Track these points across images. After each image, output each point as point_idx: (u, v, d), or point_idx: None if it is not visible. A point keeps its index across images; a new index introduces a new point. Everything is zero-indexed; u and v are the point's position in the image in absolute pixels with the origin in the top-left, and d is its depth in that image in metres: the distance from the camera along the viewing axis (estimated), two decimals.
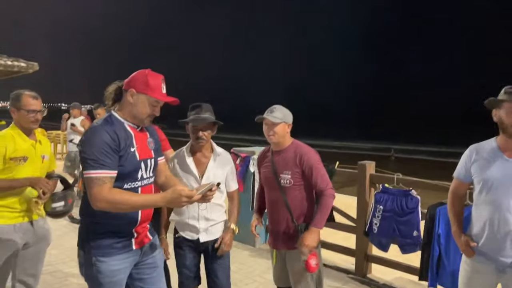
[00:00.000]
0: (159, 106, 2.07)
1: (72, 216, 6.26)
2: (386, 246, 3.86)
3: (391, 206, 3.75)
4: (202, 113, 2.59)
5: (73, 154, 7.49)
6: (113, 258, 2.01)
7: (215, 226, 2.69)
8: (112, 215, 1.96)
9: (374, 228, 3.88)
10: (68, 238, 5.40)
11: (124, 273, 2.07)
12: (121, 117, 2.05)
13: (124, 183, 2.00)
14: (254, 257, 4.78)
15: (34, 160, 2.70)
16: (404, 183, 3.82)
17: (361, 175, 4.16)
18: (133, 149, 2.02)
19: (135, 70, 2.08)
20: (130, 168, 2.00)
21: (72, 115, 7.71)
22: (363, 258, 4.19)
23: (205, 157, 2.68)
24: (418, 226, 3.63)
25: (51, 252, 4.42)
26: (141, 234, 2.13)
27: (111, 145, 1.91)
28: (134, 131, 2.07)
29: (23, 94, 2.67)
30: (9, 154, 2.57)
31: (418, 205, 3.65)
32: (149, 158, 2.12)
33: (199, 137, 2.59)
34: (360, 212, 4.18)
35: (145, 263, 2.19)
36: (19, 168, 2.62)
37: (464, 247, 2.34)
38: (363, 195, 4.15)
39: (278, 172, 2.71)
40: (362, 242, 4.17)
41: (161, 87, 2.05)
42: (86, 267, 2.04)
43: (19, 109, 2.64)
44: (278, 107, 2.70)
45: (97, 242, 2.00)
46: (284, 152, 2.73)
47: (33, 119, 2.66)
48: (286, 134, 2.71)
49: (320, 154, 2.83)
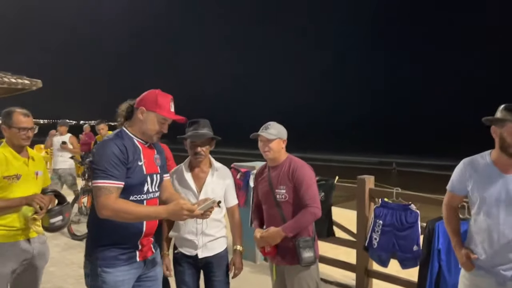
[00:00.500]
0: (167, 124, 2.20)
1: (74, 233, 6.28)
2: (386, 261, 3.82)
3: (391, 220, 3.73)
4: (200, 129, 2.62)
5: (61, 171, 7.50)
6: (118, 269, 2.09)
7: (214, 242, 2.69)
8: (117, 226, 2.05)
9: (374, 243, 3.84)
10: (67, 255, 5.40)
11: (128, 284, 2.14)
12: (131, 132, 2.18)
13: (130, 195, 2.09)
14: (255, 273, 4.75)
15: (28, 177, 2.70)
16: (403, 197, 3.80)
17: (361, 189, 4.15)
18: (140, 163, 2.13)
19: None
20: (137, 180, 2.10)
21: (59, 132, 7.69)
22: (364, 274, 4.15)
23: (203, 172, 2.70)
24: (418, 241, 3.59)
25: (50, 269, 4.43)
26: (145, 246, 2.22)
27: (120, 157, 2.03)
28: (142, 146, 2.19)
29: (14, 112, 2.66)
30: (1, 173, 2.57)
31: (418, 220, 3.62)
32: (155, 173, 2.22)
33: (198, 153, 2.62)
34: (360, 226, 4.16)
35: (147, 276, 2.26)
36: (13, 187, 2.62)
37: (464, 260, 2.33)
38: (362, 209, 4.14)
39: (274, 187, 2.74)
40: (362, 257, 4.14)
41: (170, 106, 2.17)
42: (92, 277, 2.10)
43: (10, 126, 2.64)
44: (272, 124, 2.75)
45: (102, 253, 2.09)
46: (279, 167, 2.76)
47: (24, 137, 2.66)
48: (281, 150, 2.76)
49: (321, 168, 2.84)
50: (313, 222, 2.67)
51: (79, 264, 5.02)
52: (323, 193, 4.22)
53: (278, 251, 2.76)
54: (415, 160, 34.11)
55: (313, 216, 2.61)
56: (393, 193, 3.84)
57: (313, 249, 2.67)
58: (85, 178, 6.98)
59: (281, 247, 2.73)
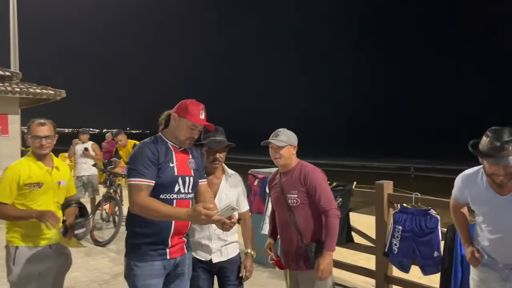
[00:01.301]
0: (197, 130, 2.36)
1: (96, 239, 6.42)
2: (407, 267, 3.77)
3: (410, 226, 3.68)
4: (218, 136, 2.68)
5: (85, 178, 7.70)
6: (148, 264, 2.26)
7: (228, 247, 2.72)
8: (147, 224, 2.23)
9: (394, 249, 3.80)
10: (90, 261, 5.51)
11: (157, 279, 2.29)
12: (166, 137, 2.38)
13: (161, 193, 2.25)
14: (273, 279, 4.76)
15: (50, 186, 2.76)
16: (422, 202, 3.76)
17: (379, 195, 4.11)
18: (172, 165, 2.30)
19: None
20: (167, 180, 2.27)
21: (81, 140, 7.96)
22: (384, 280, 4.09)
23: (217, 178, 2.76)
24: (438, 247, 3.54)
25: (73, 274, 4.53)
26: (177, 245, 2.35)
27: (151, 158, 2.23)
28: (176, 150, 2.37)
29: (33, 122, 2.77)
30: (23, 180, 2.64)
31: (438, 225, 3.56)
32: (187, 176, 2.37)
33: (216, 159, 2.68)
34: (379, 232, 4.11)
35: (176, 274, 2.40)
36: (33, 194, 2.68)
37: (470, 257, 2.50)
38: (381, 215, 4.10)
39: (286, 193, 2.76)
40: (382, 263, 4.09)
41: (199, 113, 2.33)
42: (126, 270, 2.32)
43: (30, 136, 2.75)
44: (282, 131, 2.79)
45: (135, 249, 2.29)
46: (291, 173, 2.79)
47: (38, 145, 2.72)
48: (292, 156, 2.79)
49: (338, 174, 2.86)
50: (338, 223, 2.69)
51: (101, 269, 5.14)
52: (341, 198, 4.21)
53: (291, 257, 2.78)
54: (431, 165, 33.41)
55: (336, 217, 2.65)
56: (412, 198, 3.80)
57: None
58: (107, 186, 7.13)
59: (294, 253, 2.75)
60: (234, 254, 2.76)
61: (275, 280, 4.72)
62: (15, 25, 13.41)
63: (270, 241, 3.01)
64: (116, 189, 7.23)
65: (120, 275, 4.73)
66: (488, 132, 2.19)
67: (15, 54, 13.23)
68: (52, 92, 10.67)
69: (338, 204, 4.22)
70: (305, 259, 2.68)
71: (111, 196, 6.99)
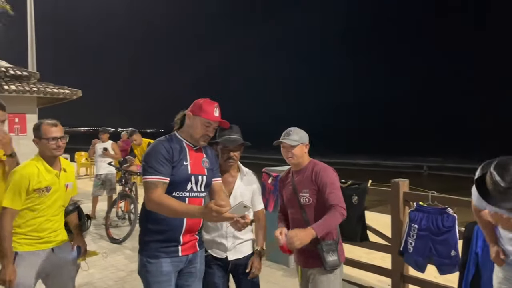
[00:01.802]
0: (211, 127, 2.38)
1: (112, 236, 6.49)
2: (423, 266, 3.72)
3: (427, 224, 3.64)
4: (232, 134, 2.68)
5: (103, 176, 7.84)
6: (160, 261, 2.29)
7: (243, 244, 2.73)
8: (160, 221, 2.27)
9: (409, 248, 3.76)
10: (106, 258, 5.57)
11: (169, 276, 2.31)
12: (181, 136, 2.41)
13: (174, 190, 2.28)
14: (287, 277, 4.74)
15: (57, 190, 2.67)
16: (439, 200, 3.70)
17: (395, 193, 4.07)
18: (186, 163, 2.33)
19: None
20: (181, 178, 2.29)
21: (102, 139, 8.12)
22: (399, 279, 4.06)
23: (232, 176, 2.77)
24: (456, 246, 3.48)
25: (90, 271, 4.59)
26: (188, 243, 2.38)
27: (166, 156, 2.26)
28: (190, 148, 2.39)
29: (42, 124, 2.65)
30: (32, 185, 2.53)
31: (455, 224, 3.51)
32: (200, 174, 2.39)
33: (230, 158, 2.69)
34: (395, 231, 4.07)
35: (189, 271, 2.43)
36: (42, 198, 2.59)
37: (495, 256, 2.50)
38: (396, 213, 4.05)
39: (298, 191, 2.73)
40: (397, 262, 4.05)
41: (214, 111, 2.35)
42: (139, 267, 2.36)
43: (41, 138, 2.62)
44: (294, 130, 2.76)
45: (147, 246, 2.33)
46: (303, 172, 2.76)
47: (54, 146, 2.62)
48: (304, 155, 2.77)
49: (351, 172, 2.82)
50: (340, 222, 2.60)
51: (117, 266, 5.20)
52: (356, 196, 4.18)
53: (302, 254, 2.76)
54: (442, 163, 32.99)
55: (342, 216, 2.56)
56: (428, 197, 3.75)
57: (336, 252, 2.65)
58: (122, 184, 7.22)
59: (305, 250, 2.70)
60: (250, 252, 2.77)
61: (289, 278, 4.71)
62: (32, 26, 13.65)
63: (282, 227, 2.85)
64: (131, 187, 7.31)
65: (135, 272, 4.75)
66: (494, 170, 2.04)
67: (33, 54, 13.47)
68: (69, 92, 10.85)
69: (353, 202, 4.21)
70: (316, 257, 2.65)
71: (127, 194, 7.07)
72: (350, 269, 4.59)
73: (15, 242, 2.56)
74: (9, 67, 10.74)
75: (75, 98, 11.31)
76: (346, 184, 4.28)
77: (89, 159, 15.53)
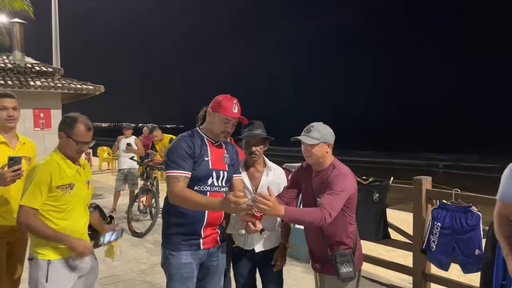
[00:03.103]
0: (230, 123, 2.40)
1: (134, 230, 6.61)
2: (446, 265, 3.67)
3: (450, 223, 3.59)
4: (255, 130, 2.73)
5: (126, 171, 7.97)
6: (182, 253, 2.35)
7: (270, 237, 2.76)
8: (181, 215, 2.32)
9: (432, 246, 3.71)
10: (129, 251, 5.69)
11: (190, 268, 2.37)
12: (203, 132, 2.46)
13: (195, 185, 2.33)
14: (308, 274, 4.75)
15: (80, 187, 2.47)
16: (463, 199, 3.64)
17: (417, 190, 4.02)
18: (207, 158, 2.38)
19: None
20: (202, 173, 2.35)
21: (125, 135, 8.25)
22: (421, 277, 4.01)
23: (258, 171, 2.81)
24: (480, 245, 3.43)
25: (113, 264, 4.69)
26: (210, 236, 2.43)
27: (187, 151, 2.31)
28: (210, 144, 2.44)
29: (78, 121, 2.41)
30: (55, 182, 2.32)
31: (479, 222, 3.45)
32: (221, 170, 2.43)
33: (253, 152, 2.74)
34: (417, 229, 4.02)
35: (210, 265, 2.48)
36: (66, 197, 2.38)
37: None
38: (419, 211, 4.00)
39: (315, 195, 2.48)
40: (419, 260, 4.00)
41: (232, 107, 2.37)
42: (162, 259, 2.43)
43: (69, 136, 2.39)
44: (316, 126, 2.47)
45: (170, 239, 2.39)
46: (322, 174, 2.49)
47: (80, 151, 2.44)
48: (325, 155, 2.47)
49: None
50: (316, 225, 2.29)
51: (139, 259, 5.30)
52: (377, 194, 4.15)
53: (317, 260, 2.63)
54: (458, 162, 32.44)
55: (321, 219, 2.21)
56: (452, 195, 3.69)
57: (352, 263, 2.43)
58: (144, 178, 7.33)
59: (319, 256, 2.58)
60: (276, 244, 2.80)
61: (309, 275, 4.71)
62: (57, 22, 13.93)
63: None
64: (152, 181, 7.42)
65: (157, 265, 4.87)
66: None
67: (57, 50, 13.75)
68: (92, 88, 11.03)
69: (375, 199, 4.18)
70: (329, 264, 2.49)
71: (148, 188, 7.18)
72: (371, 267, 4.57)
73: (46, 249, 2.35)
74: (34, 63, 10.99)
75: (97, 94, 11.50)
76: (367, 181, 4.25)
77: (112, 154, 15.80)
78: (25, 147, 2.87)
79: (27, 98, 9.17)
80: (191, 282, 2.39)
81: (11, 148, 2.78)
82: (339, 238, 2.49)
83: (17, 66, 10.38)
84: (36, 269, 2.35)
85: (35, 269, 2.35)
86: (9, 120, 2.74)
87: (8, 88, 9.16)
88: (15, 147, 2.81)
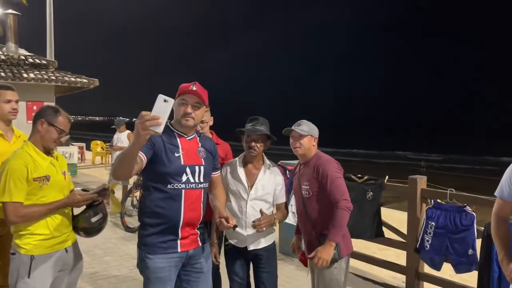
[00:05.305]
0: (189, 106, 2.22)
1: (127, 225, 6.57)
2: (439, 264, 3.68)
3: (444, 222, 3.59)
4: (258, 125, 2.72)
5: None
6: (158, 256, 2.20)
7: (264, 235, 2.75)
8: (156, 215, 2.19)
9: (425, 245, 3.72)
10: (121, 246, 5.66)
11: (168, 272, 2.21)
12: (173, 127, 2.31)
13: (168, 183, 2.19)
14: (301, 271, 4.74)
15: (57, 178, 2.42)
16: (458, 198, 3.64)
17: (412, 190, 4.02)
18: (177, 154, 2.22)
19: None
20: (174, 170, 2.19)
21: (119, 130, 8.27)
22: (415, 276, 4.02)
23: (256, 168, 2.80)
24: (473, 245, 3.43)
25: (106, 259, 4.67)
26: (188, 238, 2.27)
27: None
28: (182, 140, 2.28)
29: (60, 111, 2.43)
30: (31, 174, 2.27)
31: (474, 222, 3.45)
32: (197, 165, 2.27)
33: (251, 147, 2.72)
34: (411, 228, 4.03)
35: (193, 267, 2.32)
36: (44, 190, 2.33)
37: (510, 274, 2.04)
38: (413, 210, 4.01)
39: (301, 184, 2.79)
40: (413, 259, 4.01)
41: (188, 87, 2.22)
42: (139, 262, 2.27)
43: (51, 124, 2.37)
44: (305, 121, 2.82)
45: (145, 241, 2.23)
46: (307, 164, 2.80)
47: (58, 140, 2.42)
48: (311, 147, 2.80)
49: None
50: (348, 216, 2.57)
51: (132, 255, 5.26)
52: (371, 192, 4.14)
53: (308, 247, 2.80)
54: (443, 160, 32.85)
55: (346, 210, 2.54)
56: (446, 194, 3.69)
57: (336, 246, 2.59)
58: (137, 173, 7.28)
59: (310, 243, 2.77)
60: (270, 243, 2.80)
61: (302, 272, 4.70)
62: (51, 14, 13.78)
63: (295, 240, 3.08)
64: None
65: None
66: None
67: (51, 43, 13.62)
68: (86, 81, 10.96)
69: (368, 198, 4.17)
70: None
71: (141, 183, 7.14)
72: (364, 265, 4.57)
73: (30, 244, 2.31)
74: (28, 55, 10.88)
75: (92, 87, 11.42)
76: (362, 180, 4.24)
77: (105, 148, 15.70)
78: (20, 140, 2.86)
79: (20, 91, 8.97)
80: (169, 285, 2.24)
81: (7, 141, 2.79)
82: (325, 221, 2.63)
83: (11, 58, 10.28)
84: (18, 264, 2.30)
85: (17, 263, 2.30)
86: (12, 113, 2.83)
87: (1, 80, 9.06)
88: (11, 140, 2.84)
